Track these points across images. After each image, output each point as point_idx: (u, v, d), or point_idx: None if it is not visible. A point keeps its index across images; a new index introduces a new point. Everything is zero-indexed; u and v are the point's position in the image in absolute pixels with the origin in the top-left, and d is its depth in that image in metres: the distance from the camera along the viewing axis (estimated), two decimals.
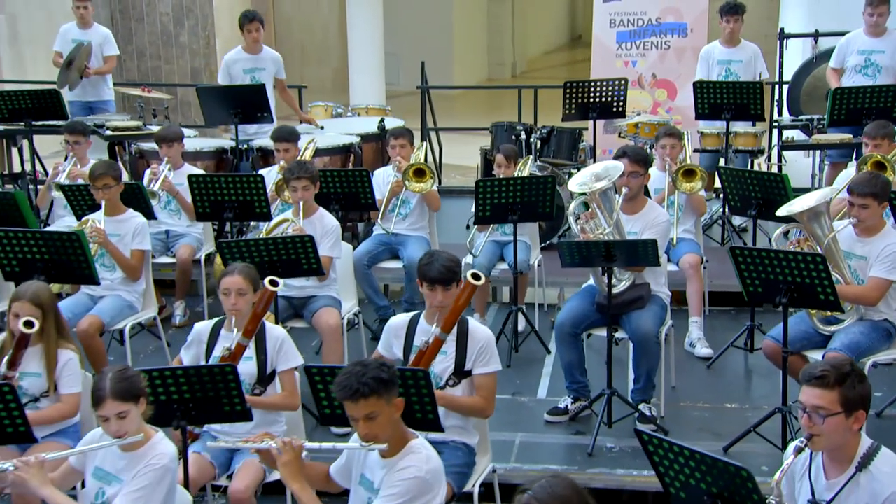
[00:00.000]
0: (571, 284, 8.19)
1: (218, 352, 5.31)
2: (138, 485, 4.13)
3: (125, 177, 7.60)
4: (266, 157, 8.90)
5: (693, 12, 10.39)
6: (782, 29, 10.41)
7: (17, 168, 9.79)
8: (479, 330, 5.28)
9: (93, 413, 5.54)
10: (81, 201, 7.37)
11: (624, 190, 6.44)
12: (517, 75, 24.75)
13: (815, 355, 6.02)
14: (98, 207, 7.10)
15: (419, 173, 7.79)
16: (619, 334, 6.49)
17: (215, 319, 5.56)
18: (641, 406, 6.37)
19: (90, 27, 10.73)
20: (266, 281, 5.21)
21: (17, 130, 9.41)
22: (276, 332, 5.43)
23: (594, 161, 9.27)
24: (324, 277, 6.68)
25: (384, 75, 16.67)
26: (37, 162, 9.73)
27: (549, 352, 7.56)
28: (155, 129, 9.30)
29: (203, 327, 5.52)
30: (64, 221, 7.87)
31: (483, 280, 5.12)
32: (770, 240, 6.76)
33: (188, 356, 5.46)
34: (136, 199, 7.31)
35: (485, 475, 5.26)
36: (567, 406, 6.58)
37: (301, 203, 6.83)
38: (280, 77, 9.60)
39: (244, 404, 4.84)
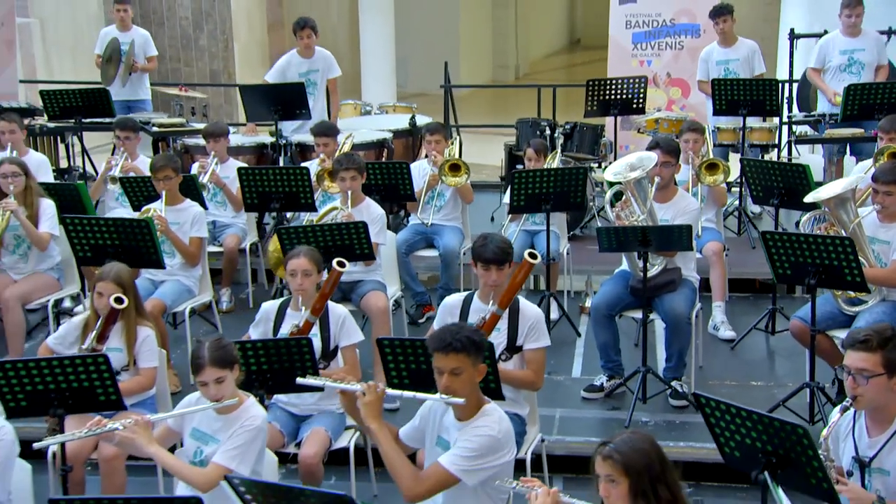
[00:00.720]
0: (598, 272, 8.41)
1: (286, 329, 5.54)
2: (235, 443, 4.36)
3: None
4: (304, 151, 9.12)
5: (705, 14, 10.52)
6: (792, 30, 10.67)
7: (63, 164, 9.97)
8: (530, 308, 5.51)
9: (167, 385, 5.85)
10: (138, 192, 7.59)
11: (657, 179, 6.66)
12: (520, 77, 25.00)
13: (840, 334, 6.25)
14: (154, 198, 7.33)
15: (454, 168, 8.01)
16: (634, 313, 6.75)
17: (281, 299, 5.80)
18: (673, 383, 6.60)
19: (130, 29, 10.96)
20: (335, 262, 5.45)
21: (66, 127, 9.61)
22: (338, 310, 5.66)
23: (614, 156, 9.50)
24: (371, 262, 6.90)
25: (395, 79, 16.99)
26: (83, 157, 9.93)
27: (579, 335, 7.78)
28: (196, 125, 9.56)
29: (270, 306, 5.75)
30: (115, 213, 8.07)
31: (538, 259, 5.36)
32: (795, 226, 6.98)
33: (256, 333, 5.68)
34: (190, 190, 7.52)
35: (534, 444, 5.49)
36: (602, 384, 6.79)
37: (349, 192, 7.07)
38: (332, 76, 9.75)
39: (316, 375, 5.07)
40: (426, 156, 8.34)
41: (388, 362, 4.96)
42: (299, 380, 4.62)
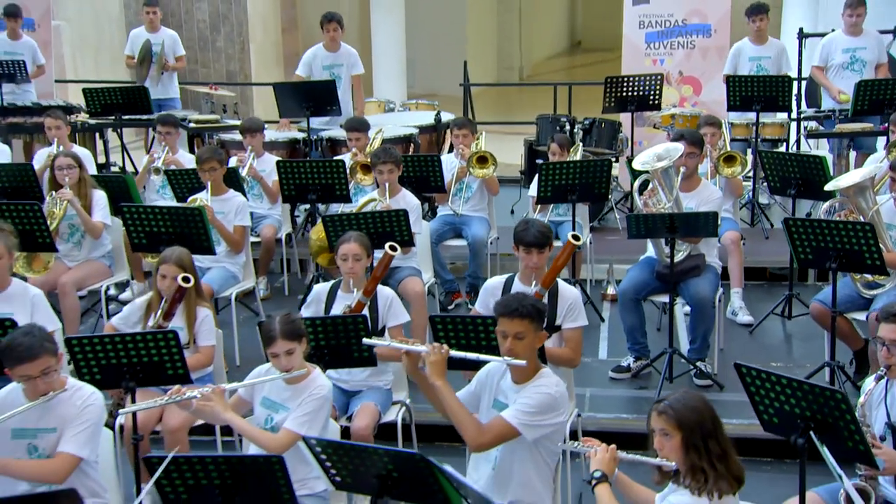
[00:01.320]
0: (618, 261, 8.64)
1: (337, 310, 5.73)
2: (304, 410, 4.56)
3: None
4: (334, 146, 9.31)
5: (717, 14, 10.76)
6: (801, 29, 10.88)
7: (100, 159, 10.15)
8: (568, 289, 5.71)
9: (223, 363, 6.04)
10: (182, 184, 7.80)
11: (682, 169, 6.86)
12: (523, 78, 25.23)
13: (858, 316, 6.48)
14: (197, 189, 7.53)
15: (482, 160, 8.20)
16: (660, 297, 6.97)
17: (332, 282, 6.00)
18: (698, 363, 6.80)
19: (159, 30, 11.16)
20: (387, 246, 5.65)
21: (106, 124, 9.81)
22: (385, 291, 5.86)
23: (631, 151, 9.69)
24: (409, 249, 7.10)
25: (406, 79, 17.21)
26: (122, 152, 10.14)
27: (602, 319, 7.97)
28: (230, 122, 9.77)
29: (321, 288, 5.95)
30: (157, 204, 8.26)
31: (581, 241, 5.57)
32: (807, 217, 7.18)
33: (308, 314, 5.87)
34: (232, 182, 7.71)
35: (571, 419, 5.69)
36: (629, 364, 6.99)
37: (387, 184, 7.28)
38: (356, 73, 9.94)
39: (371, 351, 5.27)
40: (451, 149, 8.54)
41: (439, 338, 5.16)
42: (366, 340, 4.83)
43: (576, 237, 5.55)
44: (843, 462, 4.13)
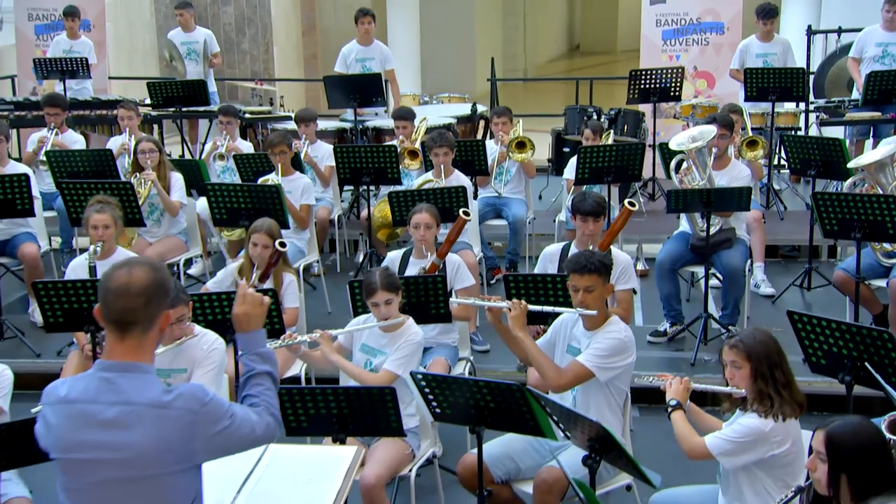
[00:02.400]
0: (645, 241, 9.05)
1: (411, 273, 6.10)
2: (401, 354, 4.94)
3: None
4: (379, 135, 9.69)
5: (729, 13, 11.12)
6: (809, 26, 11.26)
7: None
8: (620, 254, 6.10)
9: (305, 324, 6.41)
10: (247, 167, 8.15)
11: (714, 149, 7.24)
12: (528, 82, 25.66)
13: (878, 283, 6.87)
14: (262, 172, 7.90)
15: (520, 145, 8.57)
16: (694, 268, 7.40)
17: (404, 249, 6.37)
18: (730, 327, 7.18)
19: (193, 30, 11.49)
20: (461, 211, 6.03)
21: (166, 115, 10.18)
22: (453, 258, 6.24)
23: (653, 140, 10.05)
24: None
25: (420, 80, 17.60)
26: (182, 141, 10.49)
27: (635, 292, 8.30)
28: (278, 113, 10.15)
29: (394, 255, 6.32)
30: None
31: (637, 206, 5.97)
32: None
33: None
34: (294, 165, 8.07)
35: None
36: (666, 329, 7.35)
37: (442, 166, 7.65)
38: (388, 67, 10.30)
39: (447, 308, 5.65)
40: (491, 137, 8.89)
41: (510, 295, 5.54)
42: (453, 299, 5.20)
43: (632, 203, 5.93)
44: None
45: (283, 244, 5.83)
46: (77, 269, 6.20)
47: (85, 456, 2.89)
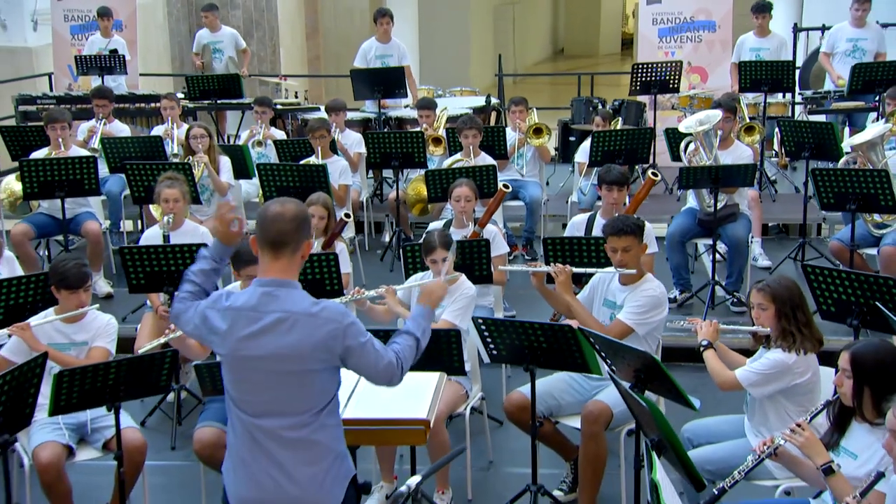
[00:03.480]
0: (648, 220, 9.44)
1: None
2: (458, 305, 5.37)
3: None
4: (401, 124, 10.11)
5: (720, 12, 11.55)
6: (796, 24, 11.75)
7: None
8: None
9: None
10: (286, 151, 8.56)
11: (719, 132, 7.69)
12: (517, 80, 26.15)
13: (869, 251, 7.34)
14: (299, 157, 8.31)
15: (537, 131, 9.01)
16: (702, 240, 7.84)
17: (444, 220, 6.80)
18: (735, 294, 7.63)
19: (219, 30, 11.89)
20: (500, 184, 6.45)
21: (201, 107, 10.56)
22: (490, 228, 6.67)
23: (654, 128, 10.49)
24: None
25: (419, 78, 18.01)
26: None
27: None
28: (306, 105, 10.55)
29: (435, 226, 6.74)
30: None
31: (659, 177, 6.41)
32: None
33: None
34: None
35: None
36: (676, 296, 7.78)
37: (471, 147, 8.08)
38: (405, 63, 10.69)
39: (489, 270, 6.08)
40: (506, 125, 9.32)
41: (548, 257, 5.99)
42: (501, 267, 5.62)
43: (654, 174, 6.38)
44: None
45: (347, 215, 6.24)
46: (150, 238, 6.60)
47: (250, 353, 3.33)
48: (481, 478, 5.58)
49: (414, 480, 3.18)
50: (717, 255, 7.68)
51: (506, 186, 6.65)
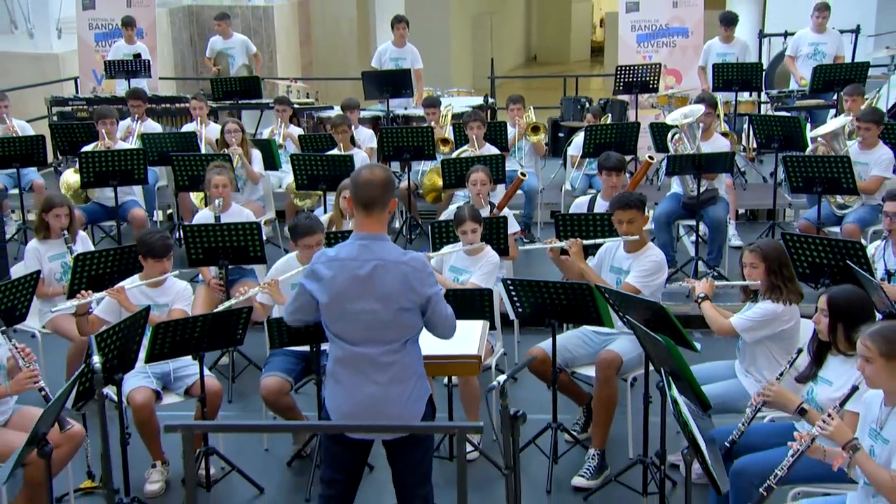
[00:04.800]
0: None
1: None
2: (484, 271, 6.04)
3: None
4: (407, 121, 10.66)
5: (693, 20, 12.14)
6: (761, 30, 12.40)
7: None
8: None
9: None
10: (309, 145, 9.10)
11: (701, 124, 8.30)
12: (499, 84, 26.80)
13: (834, 229, 7.97)
14: (323, 149, 8.85)
15: (535, 129, 9.58)
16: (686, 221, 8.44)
17: (465, 203, 7.35)
18: (716, 268, 8.24)
19: (231, 37, 12.40)
20: (519, 172, 7.04)
21: (223, 107, 11.08)
22: (505, 210, 7.24)
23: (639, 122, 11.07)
24: (494, 187, 8.48)
25: None
26: None
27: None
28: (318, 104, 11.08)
29: (454, 209, 7.29)
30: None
31: (656, 159, 7.03)
32: None
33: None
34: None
35: None
36: None
37: (475, 138, 8.66)
38: (417, 66, 11.20)
39: (507, 244, 6.65)
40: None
41: (559, 231, 6.58)
42: (526, 247, 6.20)
43: (651, 157, 6.99)
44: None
45: None
46: (202, 219, 7.12)
47: (350, 294, 3.88)
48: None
49: (501, 378, 3.83)
50: (698, 235, 8.28)
51: (523, 175, 7.25)
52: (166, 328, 4.91)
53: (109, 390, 5.17)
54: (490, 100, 11.43)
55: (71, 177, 8.54)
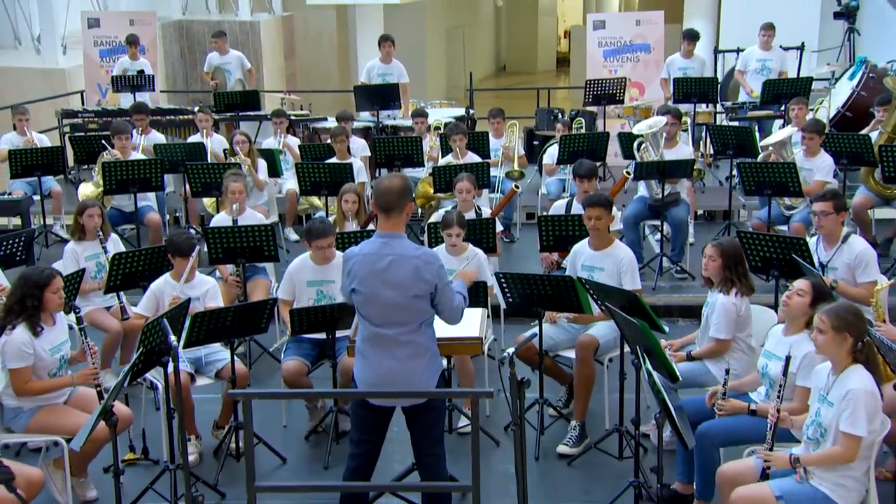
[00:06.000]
0: None
1: None
2: (473, 265, 6.45)
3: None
4: (395, 131, 11.16)
5: (654, 37, 12.72)
6: (716, 47, 13.02)
7: None
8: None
9: None
10: (308, 155, 9.59)
11: (664, 134, 8.87)
12: (466, 94, 27.36)
13: (782, 227, 8.57)
14: (320, 159, 9.33)
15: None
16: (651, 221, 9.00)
17: (443, 209, 7.87)
18: (679, 264, 8.82)
19: (227, 53, 12.83)
20: (513, 184, 7.58)
21: (225, 119, 11.53)
22: (486, 211, 7.77)
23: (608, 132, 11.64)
24: (479, 192, 9.00)
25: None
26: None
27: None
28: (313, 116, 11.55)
29: (441, 213, 7.82)
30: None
31: (632, 175, 7.61)
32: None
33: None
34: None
35: None
36: None
37: (458, 149, 9.20)
38: (404, 81, 11.69)
39: (495, 243, 7.18)
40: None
41: (541, 232, 7.12)
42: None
43: (629, 172, 7.57)
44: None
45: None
46: (219, 222, 7.58)
47: (374, 282, 4.41)
48: (494, 401, 6.67)
49: (510, 350, 4.46)
50: (662, 234, 8.86)
51: (517, 187, 7.81)
52: (203, 317, 5.40)
53: (150, 375, 5.67)
54: (471, 111, 11.94)
55: (88, 188, 8.99)
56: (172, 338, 4.53)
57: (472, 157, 9.29)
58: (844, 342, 4.37)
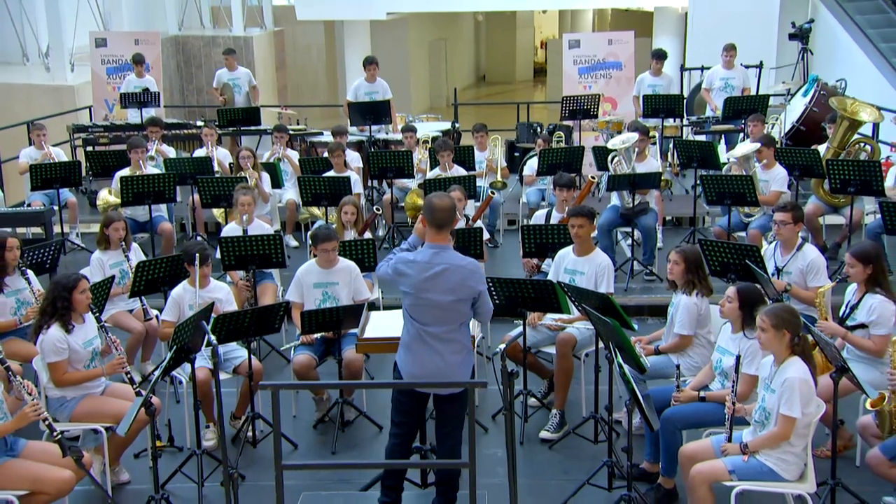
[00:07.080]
0: None
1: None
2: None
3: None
4: (386, 144, 11.64)
5: (625, 55, 13.30)
6: (682, 64, 13.58)
7: None
8: None
9: None
10: (307, 168, 10.05)
11: (636, 149, 9.39)
12: (449, 105, 27.80)
13: (741, 234, 9.12)
14: (320, 171, 9.80)
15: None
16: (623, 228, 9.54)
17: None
18: (649, 267, 9.35)
19: (236, 69, 13.28)
20: (490, 191, 8.06)
21: (227, 133, 11.97)
22: (478, 223, 8.27)
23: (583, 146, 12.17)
24: (466, 202, 9.47)
25: None
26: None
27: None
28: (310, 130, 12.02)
29: None
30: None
31: (597, 179, 8.12)
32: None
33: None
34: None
35: None
36: None
37: (446, 163, 9.69)
38: (388, 97, 12.17)
39: (482, 249, 7.68)
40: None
41: (524, 241, 7.62)
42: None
43: (594, 177, 8.09)
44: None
45: (378, 209, 7.77)
46: (230, 231, 8.03)
47: (423, 287, 4.90)
48: (482, 393, 7.17)
49: (501, 346, 5.23)
50: (633, 240, 9.39)
51: (492, 193, 8.30)
52: (224, 318, 5.87)
53: (175, 372, 6.13)
54: (456, 125, 12.45)
55: (107, 196, 9.42)
56: (212, 337, 5.01)
57: (459, 171, 9.79)
58: (783, 338, 4.90)
